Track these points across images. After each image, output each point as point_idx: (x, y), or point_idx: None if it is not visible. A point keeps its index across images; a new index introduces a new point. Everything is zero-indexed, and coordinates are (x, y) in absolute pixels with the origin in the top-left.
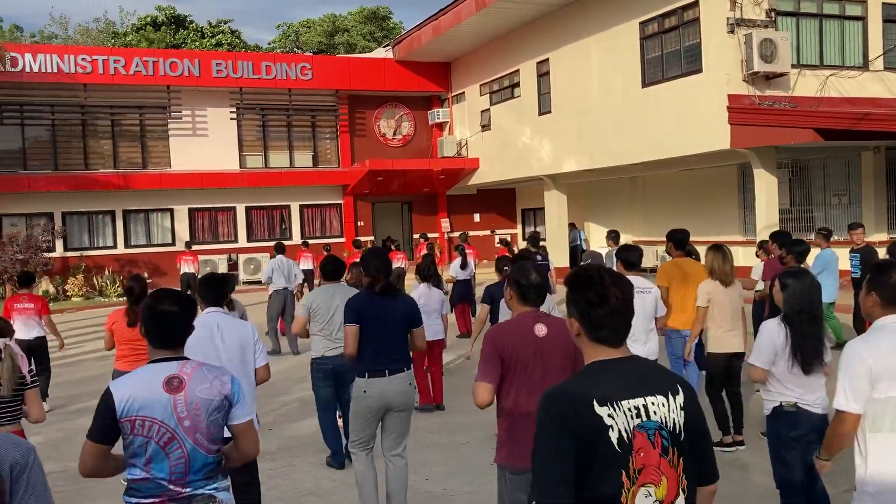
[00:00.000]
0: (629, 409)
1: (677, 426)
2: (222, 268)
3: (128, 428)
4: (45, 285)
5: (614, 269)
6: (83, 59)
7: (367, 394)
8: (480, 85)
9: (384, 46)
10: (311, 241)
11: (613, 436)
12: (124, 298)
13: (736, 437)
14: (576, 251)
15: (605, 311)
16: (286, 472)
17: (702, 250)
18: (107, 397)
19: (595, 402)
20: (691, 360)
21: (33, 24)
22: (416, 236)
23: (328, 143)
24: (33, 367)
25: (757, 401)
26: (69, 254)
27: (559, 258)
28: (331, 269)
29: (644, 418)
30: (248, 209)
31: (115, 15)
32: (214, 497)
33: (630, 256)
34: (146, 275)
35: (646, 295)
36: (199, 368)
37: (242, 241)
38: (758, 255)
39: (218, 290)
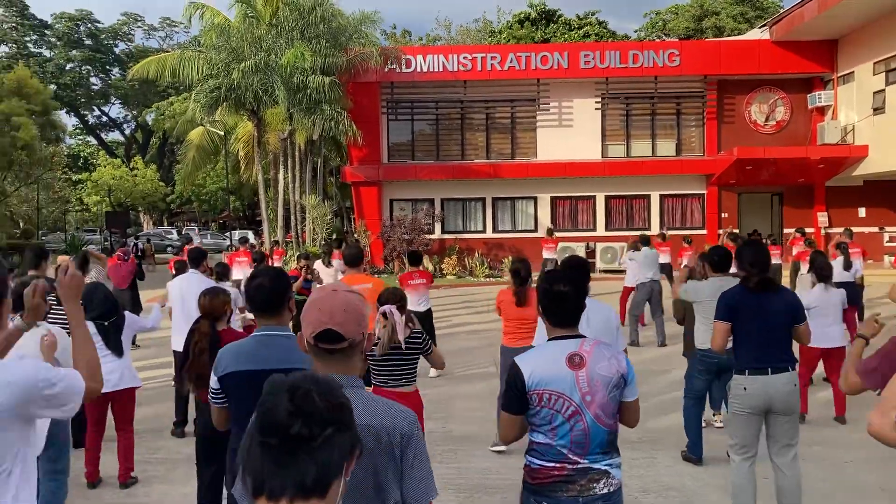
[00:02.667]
0: None
1: None
2: (580, 254)
3: (535, 400)
4: (424, 263)
5: None
6: (464, 58)
7: (748, 391)
8: (874, 63)
9: (759, 27)
10: (670, 233)
11: None
12: (492, 279)
13: None
14: None
15: None
16: (648, 463)
17: None
18: (515, 372)
19: None
20: None
21: (421, 29)
22: (788, 231)
23: (693, 131)
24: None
25: None
26: (446, 236)
27: None
28: (718, 259)
29: None
30: (607, 198)
31: (493, 15)
32: (609, 472)
33: None
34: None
35: None
36: (597, 346)
37: (601, 229)
38: None
39: (579, 272)
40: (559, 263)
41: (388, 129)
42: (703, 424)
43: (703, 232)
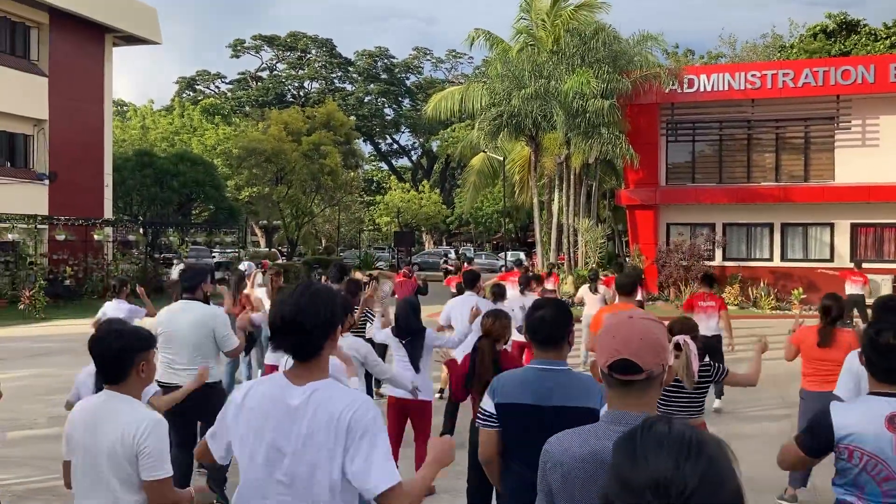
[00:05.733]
0: None
1: None
2: (885, 289)
3: (844, 454)
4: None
5: None
6: (752, 76)
7: None
8: None
9: None
10: None
11: None
12: (779, 311)
13: None
14: None
15: None
16: None
17: None
18: (826, 419)
19: None
20: None
21: (702, 47)
22: None
23: None
24: (712, 363)
25: None
26: (727, 263)
27: None
28: None
29: None
30: None
31: (783, 29)
32: None
33: None
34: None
35: None
36: None
37: None
38: None
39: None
40: (872, 303)
41: (667, 151)
42: None
43: None
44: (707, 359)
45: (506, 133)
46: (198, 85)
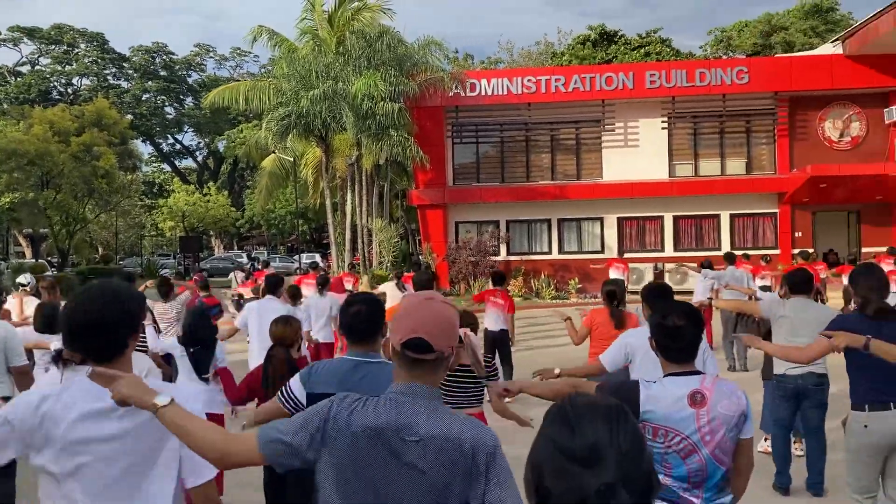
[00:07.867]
0: None
1: None
2: (648, 276)
3: (650, 432)
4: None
5: None
6: (528, 80)
7: (869, 429)
8: None
9: (832, 42)
10: (739, 253)
11: None
12: (559, 300)
13: None
14: None
15: None
16: None
17: None
18: (635, 388)
19: None
20: None
21: (482, 52)
22: (867, 250)
23: (763, 149)
24: (496, 360)
25: None
26: (511, 258)
27: None
28: (799, 282)
29: None
30: (675, 218)
31: (554, 36)
32: None
33: None
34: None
35: None
36: (717, 383)
37: (669, 250)
38: None
39: (665, 299)
40: (640, 291)
41: (453, 153)
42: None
43: (776, 251)
44: (489, 354)
45: (295, 134)
46: None
